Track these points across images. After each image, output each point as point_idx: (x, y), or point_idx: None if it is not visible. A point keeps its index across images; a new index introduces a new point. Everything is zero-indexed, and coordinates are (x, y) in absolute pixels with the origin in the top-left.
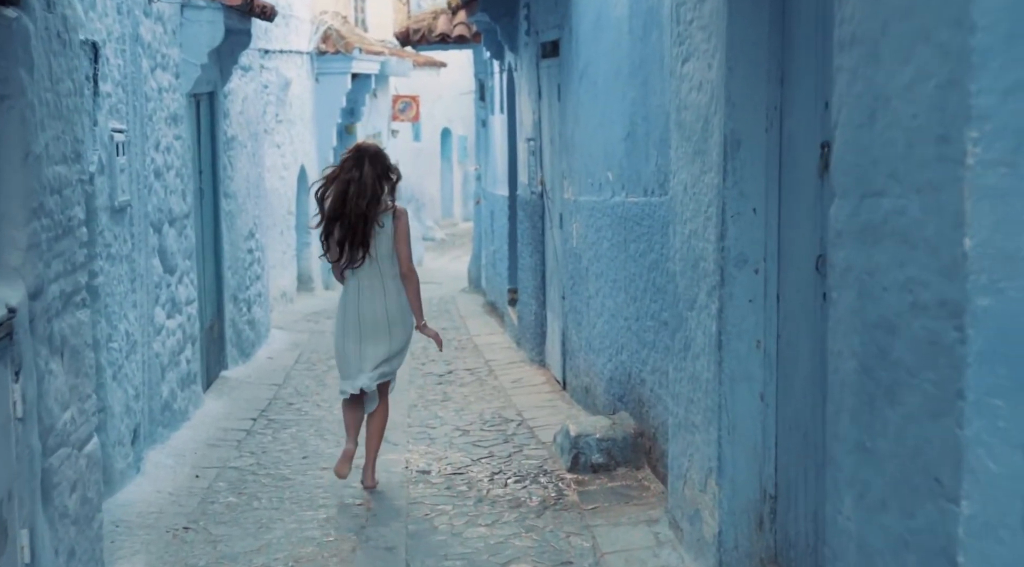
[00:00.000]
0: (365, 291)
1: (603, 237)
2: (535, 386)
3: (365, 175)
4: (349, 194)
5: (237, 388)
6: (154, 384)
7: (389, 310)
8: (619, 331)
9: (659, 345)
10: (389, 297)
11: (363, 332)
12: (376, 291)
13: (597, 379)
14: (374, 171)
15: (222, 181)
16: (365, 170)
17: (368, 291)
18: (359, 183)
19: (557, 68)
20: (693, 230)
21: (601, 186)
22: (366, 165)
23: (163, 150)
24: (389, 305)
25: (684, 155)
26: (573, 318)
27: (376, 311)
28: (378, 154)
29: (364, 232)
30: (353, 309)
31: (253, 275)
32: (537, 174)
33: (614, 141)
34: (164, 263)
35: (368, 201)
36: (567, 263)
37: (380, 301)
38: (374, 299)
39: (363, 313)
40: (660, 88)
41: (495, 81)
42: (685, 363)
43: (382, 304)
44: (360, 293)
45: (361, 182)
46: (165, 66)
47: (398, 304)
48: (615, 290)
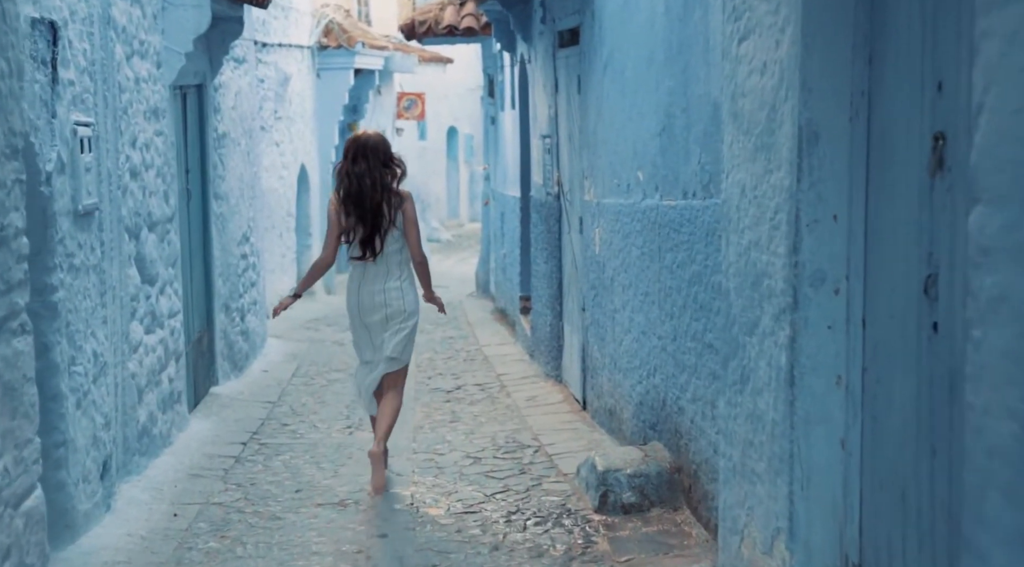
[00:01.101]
0: (368, 275)
1: (631, 244)
2: (552, 405)
3: (372, 168)
4: (363, 186)
5: (228, 406)
6: (129, 409)
7: (389, 298)
8: (651, 351)
9: (702, 370)
10: (390, 282)
11: (371, 331)
12: (379, 277)
13: (624, 402)
14: (378, 161)
15: (212, 181)
16: (370, 162)
17: (371, 276)
18: (371, 175)
19: (577, 58)
20: (754, 240)
21: (629, 187)
22: (369, 157)
23: (141, 147)
24: (390, 292)
25: (742, 151)
26: (595, 332)
27: (375, 298)
28: (379, 144)
29: (376, 223)
30: (355, 303)
31: (247, 282)
32: (553, 174)
33: (646, 137)
34: (142, 272)
35: (380, 191)
36: (588, 272)
37: (380, 287)
38: (375, 284)
39: (363, 303)
40: (704, 75)
41: (505, 75)
42: (742, 398)
43: (381, 292)
44: (363, 279)
45: (371, 175)
46: (144, 54)
47: (399, 287)
48: (646, 304)
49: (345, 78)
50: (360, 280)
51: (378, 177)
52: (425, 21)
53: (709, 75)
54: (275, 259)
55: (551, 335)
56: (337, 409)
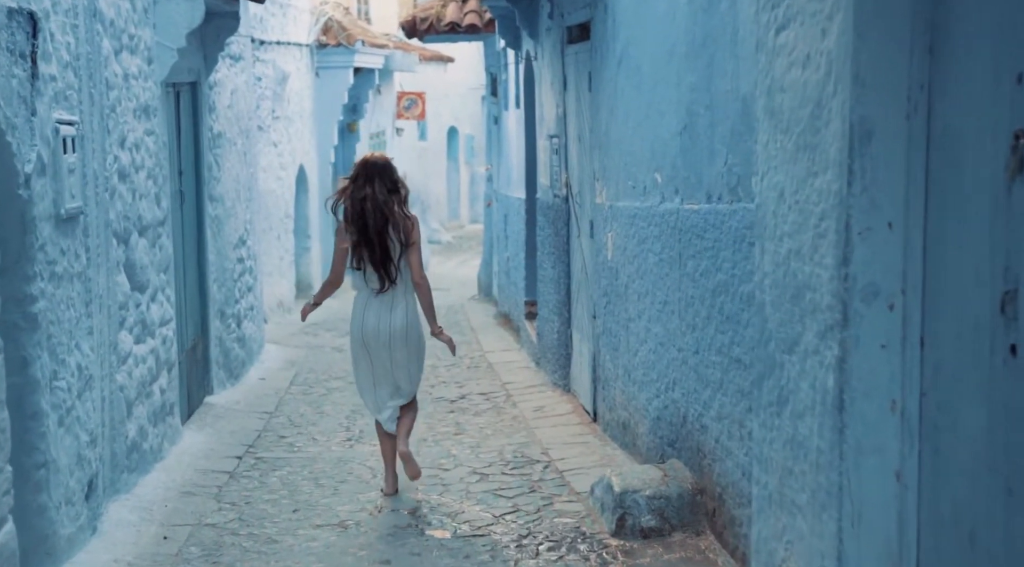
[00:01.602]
0: (372, 303)
1: (648, 250)
2: (561, 417)
3: (377, 192)
4: (367, 210)
5: (223, 417)
6: (117, 424)
7: (394, 326)
8: (670, 363)
9: (729, 387)
10: (396, 310)
11: (374, 361)
12: (384, 303)
13: (639, 416)
14: (384, 187)
15: (207, 183)
16: (376, 187)
17: (376, 303)
18: (373, 200)
19: (587, 54)
20: (795, 249)
21: (646, 190)
22: (376, 182)
23: (130, 147)
24: (395, 319)
25: (780, 151)
26: (607, 341)
27: (380, 325)
28: (386, 168)
29: (383, 248)
30: (358, 325)
31: (244, 287)
32: (561, 175)
33: (664, 136)
34: (132, 279)
35: (388, 219)
36: (600, 278)
37: (386, 315)
38: (380, 311)
39: (367, 327)
40: (732, 69)
41: (510, 73)
42: (779, 422)
43: (387, 319)
44: (367, 306)
45: (375, 200)
46: (134, 49)
47: (404, 315)
48: (665, 314)
49: (344, 77)
50: (365, 306)
51: (382, 202)
52: (427, 18)
53: (738, 69)
54: (273, 262)
55: (559, 343)
56: (336, 420)
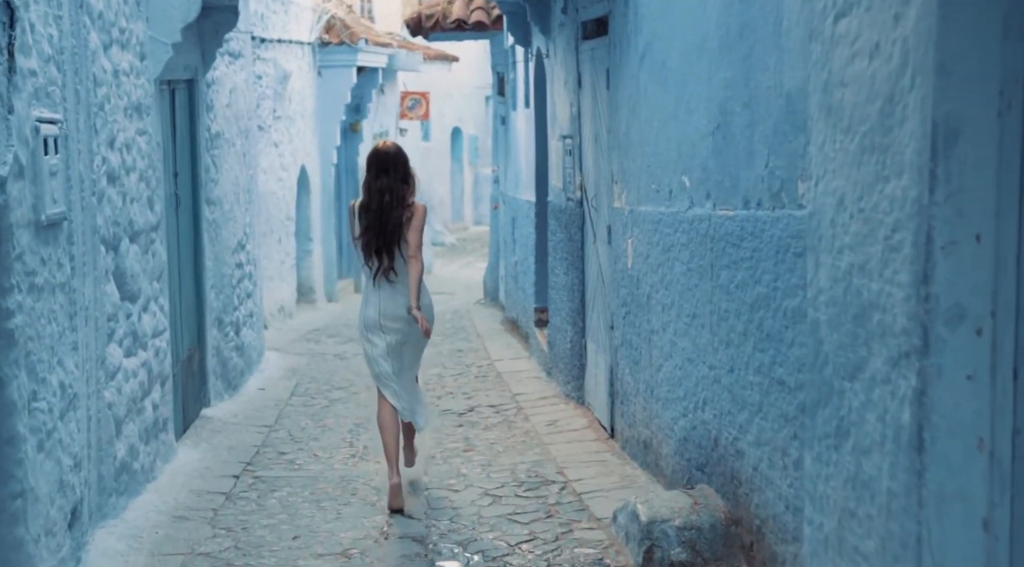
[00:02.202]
0: (384, 293)
1: (674, 259)
2: (576, 432)
3: (393, 183)
4: (383, 203)
5: (220, 431)
6: (105, 444)
7: (399, 312)
8: (699, 381)
9: (770, 410)
10: (397, 298)
11: (384, 327)
12: (392, 292)
13: (663, 436)
14: (397, 176)
15: (204, 185)
16: (391, 177)
17: (387, 293)
18: (390, 191)
19: (605, 50)
20: (859, 264)
21: (672, 194)
22: (391, 172)
23: (120, 148)
24: (398, 306)
25: (840, 153)
26: (627, 354)
27: (385, 312)
28: (398, 157)
29: (391, 238)
30: (374, 306)
31: (243, 293)
32: (575, 178)
33: (694, 137)
34: (122, 289)
35: (397, 208)
36: (618, 287)
37: (389, 302)
38: (389, 296)
39: (383, 309)
40: (775, 62)
41: (518, 72)
42: (839, 457)
43: (391, 306)
44: (379, 295)
45: (391, 192)
46: (124, 43)
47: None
48: (694, 328)
49: (347, 76)
50: (372, 297)
51: (397, 192)
52: (432, 15)
53: (781, 63)
54: (274, 266)
55: (572, 353)
56: (339, 434)
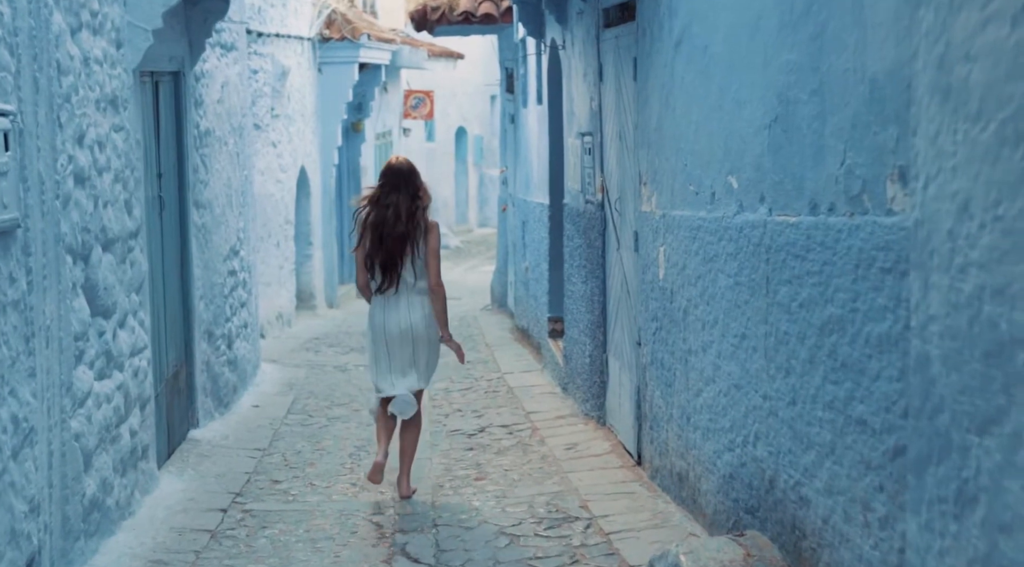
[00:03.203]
0: (391, 304)
1: (718, 270)
2: (598, 458)
3: (401, 200)
4: (387, 217)
5: (208, 456)
6: (71, 481)
7: (414, 323)
8: (750, 411)
9: (845, 454)
10: (413, 311)
11: (390, 348)
12: (401, 304)
13: (702, 469)
14: (408, 194)
15: (191, 187)
16: (402, 195)
17: (393, 304)
18: (396, 208)
19: (631, 37)
20: (994, 287)
21: (715, 197)
22: (402, 189)
23: (91, 145)
24: (413, 318)
25: (963, 145)
26: (657, 374)
27: (400, 324)
28: (411, 175)
29: (397, 253)
30: (380, 323)
31: (236, 303)
32: (596, 178)
33: (744, 131)
34: (93, 303)
35: (406, 225)
36: (647, 299)
37: (405, 314)
38: (399, 312)
39: (388, 327)
40: (855, 41)
41: (529, 66)
42: (961, 529)
43: (407, 317)
44: (386, 307)
45: (398, 207)
46: (97, 28)
47: (422, 316)
48: (743, 351)
49: (349, 73)
50: (384, 309)
51: (405, 209)
52: (438, 7)
53: (864, 40)
54: (272, 271)
55: (591, 368)
56: (339, 459)
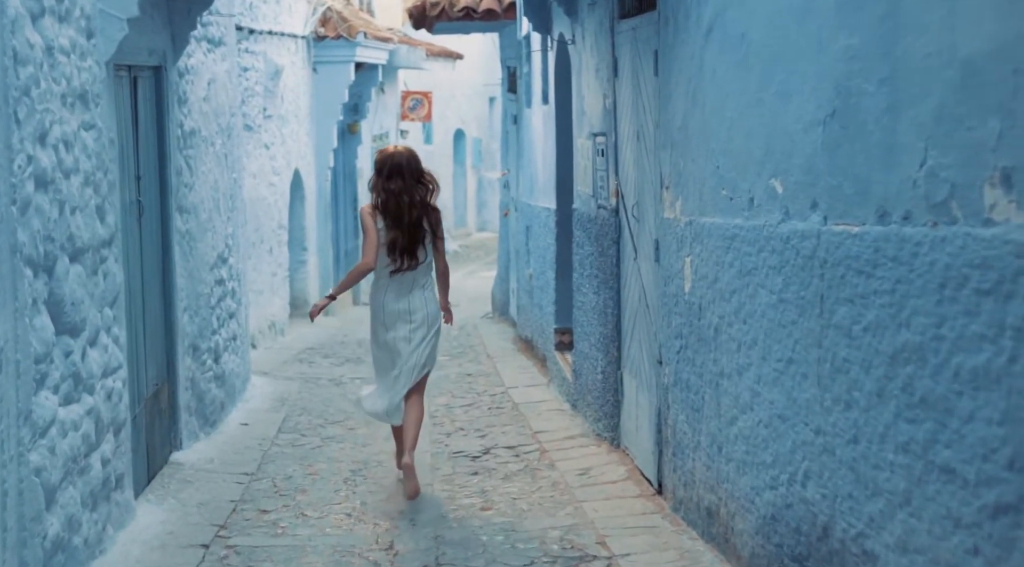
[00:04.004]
0: (392, 287)
1: (758, 286)
2: (614, 485)
3: (408, 185)
4: (401, 204)
5: (192, 482)
6: (30, 522)
7: (412, 302)
8: (799, 447)
9: (926, 508)
10: (416, 292)
11: (389, 332)
12: (404, 287)
13: (737, 507)
14: (412, 179)
15: (174, 191)
16: (405, 180)
17: (397, 287)
18: (408, 193)
19: (652, 28)
20: None
21: (754, 203)
22: (404, 174)
23: (56, 144)
24: (413, 298)
25: None
26: (682, 397)
27: (401, 306)
28: (411, 161)
29: (415, 239)
30: (380, 309)
31: (224, 314)
32: (609, 182)
33: (792, 128)
34: (59, 321)
35: (420, 210)
36: (670, 314)
37: (405, 298)
38: (401, 293)
39: (388, 309)
40: (940, 18)
41: (534, 64)
42: None
43: (406, 300)
44: (388, 289)
45: (408, 193)
46: (63, 16)
47: (422, 298)
48: (789, 377)
49: (345, 73)
50: (386, 290)
51: (414, 194)
52: (438, 3)
53: (953, 16)
54: (264, 278)
55: (604, 386)
56: (333, 484)
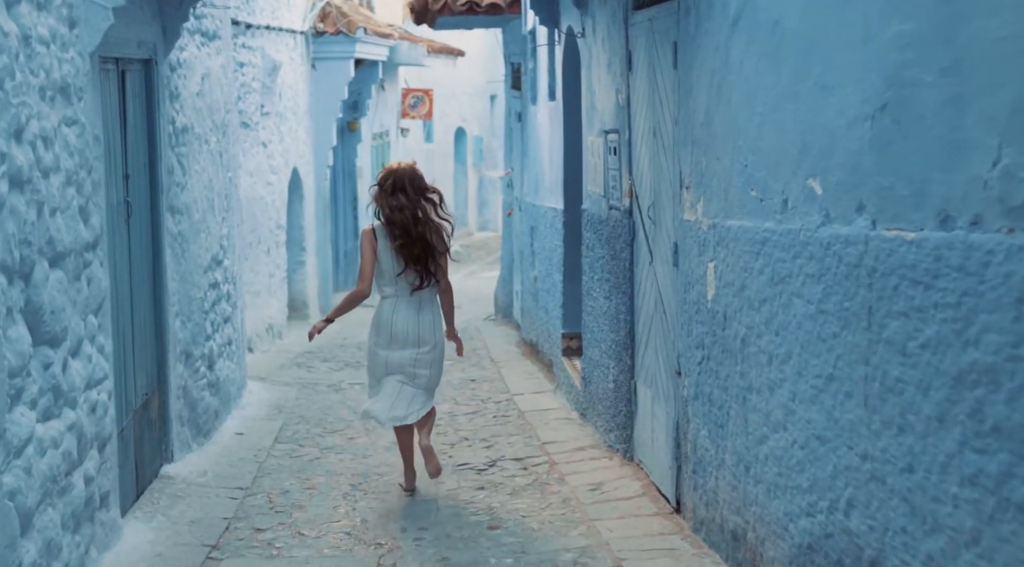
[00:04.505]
0: (400, 307)
1: (793, 295)
2: (628, 502)
3: (412, 201)
4: (406, 220)
5: (183, 497)
6: (4, 549)
7: (422, 325)
8: (841, 472)
9: (999, 549)
10: (423, 313)
11: (393, 352)
12: (411, 307)
13: (768, 532)
14: (416, 194)
15: (166, 190)
16: (409, 196)
17: (404, 306)
18: (411, 209)
19: (671, 18)
20: None
21: (788, 204)
22: (408, 190)
23: (33, 141)
24: (422, 320)
25: None
26: (704, 411)
27: (408, 327)
28: (415, 176)
29: (425, 252)
30: (387, 325)
31: (218, 318)
32: (622, 181)
33: (833, 123)
34: (36, 331)
35: (425, 226)
36: (691, 322)
37: (414, 317)
38: (409, 314)
39: (396, 329)
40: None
41: (539, 59)
42: None
43: (415, 320)
44: (396, 309)
45: (411, 209)
46: (42, 3)
47: (431, 319)
48: (829, 395)
49: (344, 69)
50: (393, 311)
51: (418, 210)
52: None
53: None
54: (261, 280)
55: (616, 395)
56: (332, 500)
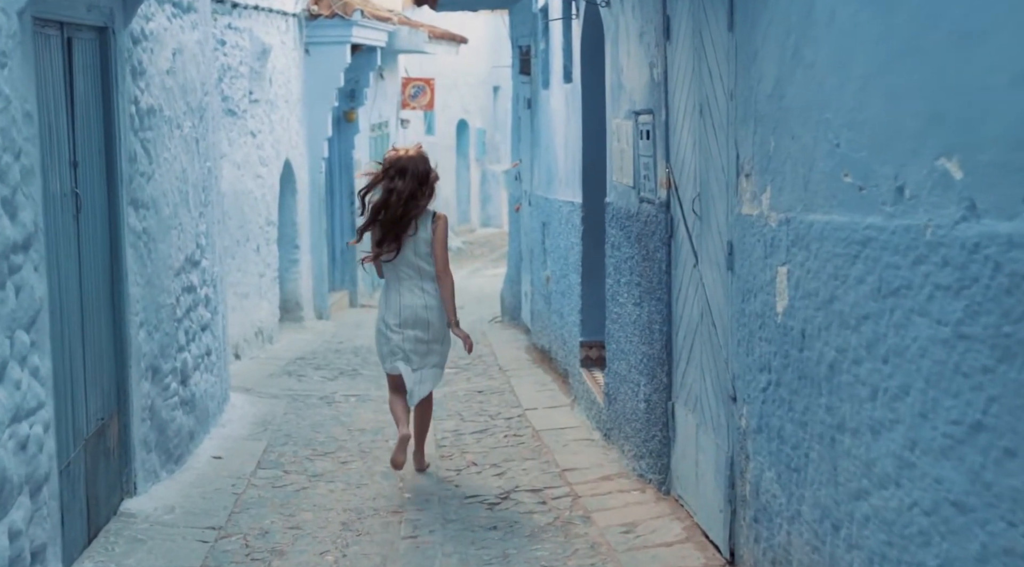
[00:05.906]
0: (405, 285)
1: (907, 308)
2: (670, 549)
3: (406, 185)
4: (390, 201)
5: (143, 541)
6: None
7: (428, 307)
8: (996, 554)
9: None
10: (428, 295)
11: (403, 327)
12: (415, 288)
13: None
14: (414, 180)
15: (126, 181)
16: (407, 180)
17: (408, 287)
18: (399, 192)
19: None
20: None
21: (904, 193)
22: (408, 176)
23: None
24: (428, 302)
25: None
26: (771, 448)
27: (416, 306)
28: (418, 163)
29: (399, 230)
30: (395, 301)
31: (194, 326)
32: (657, 169)
33: (980, 83)
34: None
35: (405, 204)
36: (752, 338)
37: (419, 298)
38: (413, 295)
39: (404, 306)
40: None
41: (552, 38)
42: None
43: (421, 300)
44: (400, 287)
45: (401, 191)
46: None
47: (437, 303)
48: (975, 449)
49: (340, 55)
50: (398, 296)
51: (407, 191)
52: None
53: None
54: (250, 280)
55: (648, 417)
56: (320, 543)
